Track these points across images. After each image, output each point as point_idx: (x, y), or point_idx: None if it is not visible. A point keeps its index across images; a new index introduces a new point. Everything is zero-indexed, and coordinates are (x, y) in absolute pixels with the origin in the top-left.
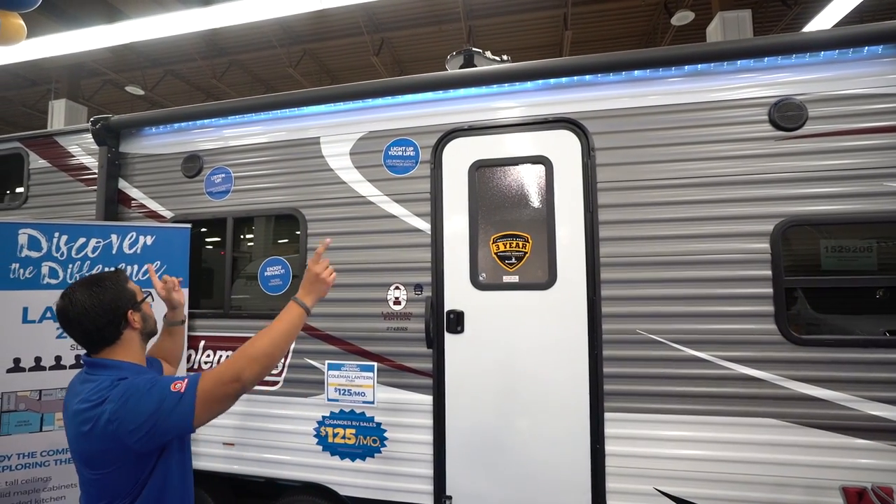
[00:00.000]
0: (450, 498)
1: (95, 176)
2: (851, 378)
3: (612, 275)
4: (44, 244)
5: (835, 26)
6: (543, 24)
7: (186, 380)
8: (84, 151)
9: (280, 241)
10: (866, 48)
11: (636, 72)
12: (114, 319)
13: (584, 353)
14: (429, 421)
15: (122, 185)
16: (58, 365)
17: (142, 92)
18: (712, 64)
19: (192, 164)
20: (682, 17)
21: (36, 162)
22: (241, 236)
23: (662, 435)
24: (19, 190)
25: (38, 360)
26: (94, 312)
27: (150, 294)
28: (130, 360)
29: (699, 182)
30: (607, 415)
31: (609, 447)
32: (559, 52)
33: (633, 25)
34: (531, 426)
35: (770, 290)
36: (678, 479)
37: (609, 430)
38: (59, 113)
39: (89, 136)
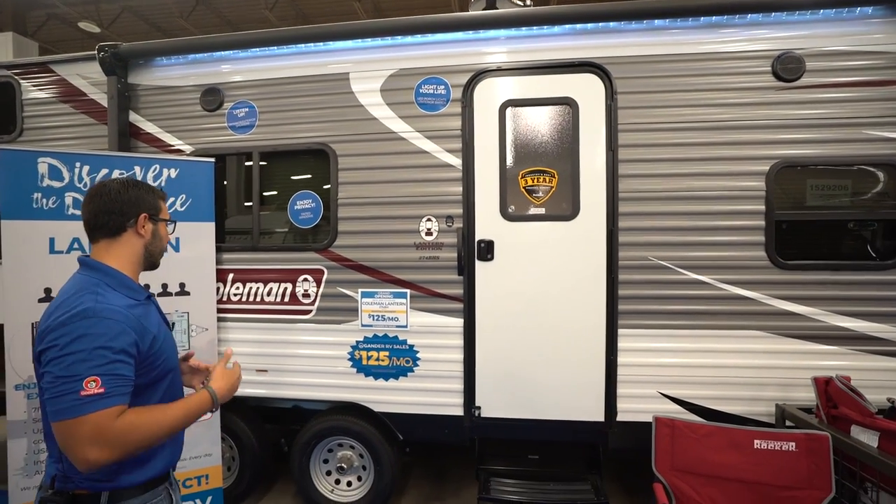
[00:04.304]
0: (479, 408)
1: (100, 108)
2: (822, 296)
3: (629, 208)
4: (65, 174)
5: None
6: None
7: (102, 390)
8: (87, 82)
9: (306, 176)
10: (858, 8)
11: (657, 21)
12: (125, 212)
13: (603, 277)
14: (459, 341)
15: (133, 118)
16: None
17: (97, 29)
18: (725, 17)
19: (212, 97)
20: None
21: (30, 92)
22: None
23: (666, 347)
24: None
25: None
26: (114, 197)
27: (175, 223)
28: (121, 267)
29: (708, 126)
30: (621, 331)
31: (621, 359)
32: None
33: None
34: (554, 343)
35: (762, 223)
36: (677, 382)
37: (622, 343)
38: (4, 48)
39: (91, 64)
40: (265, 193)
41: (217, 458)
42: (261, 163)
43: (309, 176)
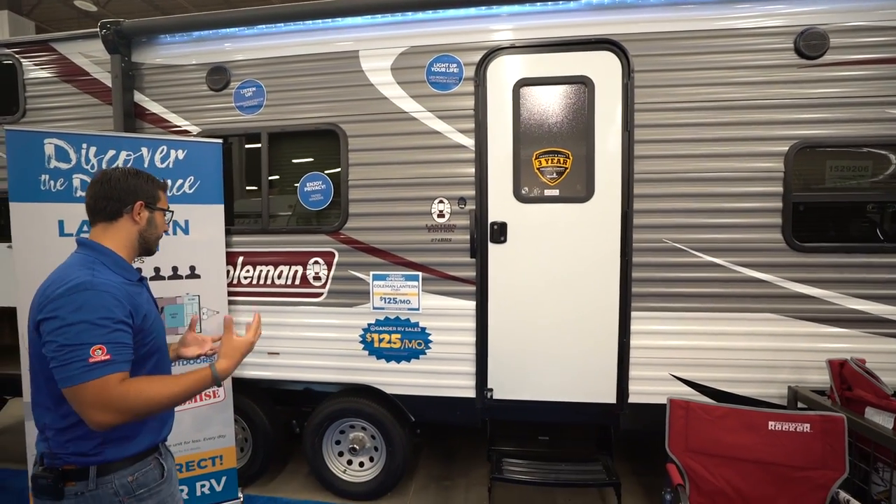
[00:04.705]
0: (491, 390)
1: (103, 88)
2: (837, 279)
3: (644, 189)
4: (72, 155)
5: None
6: None
7: (108, 357)
8: (89, 61)
9: (316, 157)
10: None
11: None
12: (122, 198)
13: (617, 259)
14: (471, 324)
15: (138, 97)
16: None
17: (94, 8)
18: None
19: (219, 76)
20: None
21: (31, 72)
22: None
23: (680, 330)
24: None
25: None
26: (114, 185)
27: (173, 213)
28: (116, 249)
29: (727, 105)
30: (634, 313)
31: (634, 341)
32: None
33: None
34: (566, 325)
35: (780, 205)
36: (691, 365)
37: (635, 326)
38: (0, 26)
39: (93, 42)
40: (274, 176)
41: (230, 439)
42: (269, 144)
43: (319, 157)
